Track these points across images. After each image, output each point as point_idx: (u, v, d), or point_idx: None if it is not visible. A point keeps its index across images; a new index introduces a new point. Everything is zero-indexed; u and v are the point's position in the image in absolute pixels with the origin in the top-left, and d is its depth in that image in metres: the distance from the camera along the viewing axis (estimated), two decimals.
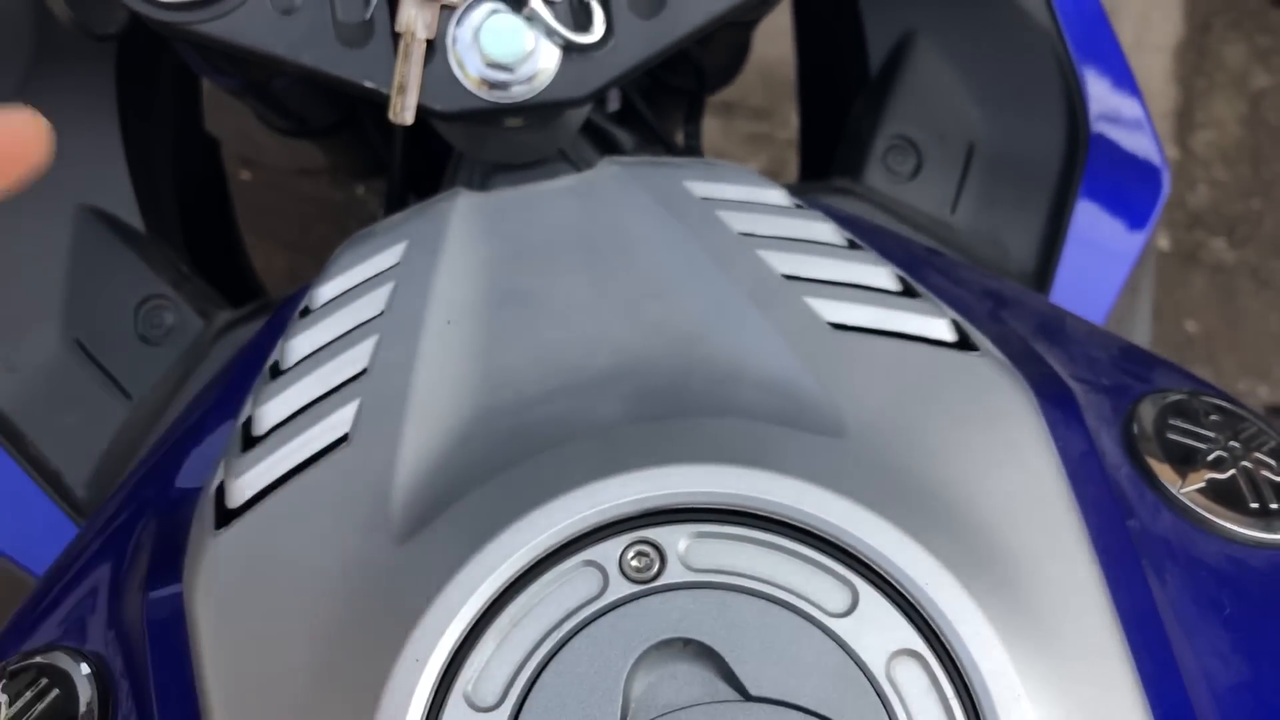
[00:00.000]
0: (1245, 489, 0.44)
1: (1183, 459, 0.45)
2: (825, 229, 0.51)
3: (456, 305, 0.46)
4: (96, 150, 0.76)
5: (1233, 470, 0.44)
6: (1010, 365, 0.44)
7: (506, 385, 0.43)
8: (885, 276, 0.48)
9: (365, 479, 0.40)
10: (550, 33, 0.59)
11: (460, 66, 0.59)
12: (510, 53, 0.58)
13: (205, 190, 1.02)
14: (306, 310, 0.50)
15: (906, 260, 0.53)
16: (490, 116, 0.61)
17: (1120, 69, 0.82)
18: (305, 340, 0.47)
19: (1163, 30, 2.12)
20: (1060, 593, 0.36)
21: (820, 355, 0.43)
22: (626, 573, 0.35)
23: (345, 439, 0.42)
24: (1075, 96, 0.79)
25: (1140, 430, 0.46)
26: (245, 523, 0.40)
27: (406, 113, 0.59)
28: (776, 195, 0.54)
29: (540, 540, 0.35)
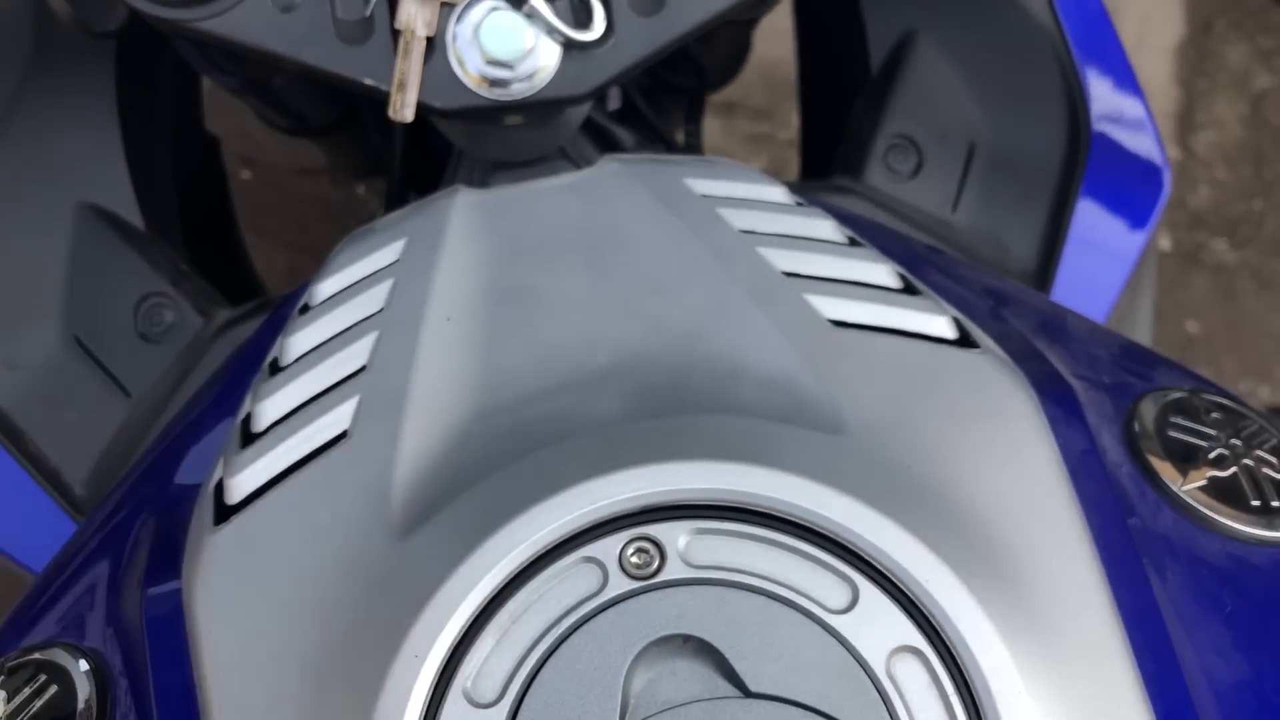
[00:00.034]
0: (1246, 486, 0.44)
1: (1184, 457, 0.44)
2: (826, 226, 0.51)
3: (456, 302, 0.46)
4: (96, 148, 0.76)
5: (1234, 468, 0.44)
6: (1011, 363, 0.44)
7: (506, 382, 0.43)
8: (886, 274, 0.48)
9: (364, 475, 0.40)
10: (550, 30, 0.59)
11: (460, 64, 0.59)
12: (510, 50, 0.58)
13: (205, 189, 1.02)
14: (306, 307, 0.50)
15: (907, 258, 0.53)
16: (490, 114, 0.61)
17: (1122, 68, 0.82)
18: (305, 337, 0.47)
19: (1164, 31, 2.12)
20: (1061, 590, 0.36)
21: (820, 352, 0.42)
22: (626, 569, 0.35)
23: (344, 435, 0.42)
24: (1076, 95, 0.79)
25: (1141, 428, 0.45)
26: (244, 519, 0.40)
27: (406, 110, 0.59)
28: (777, 193, 0.54)
29: (540, 536, 0.35)
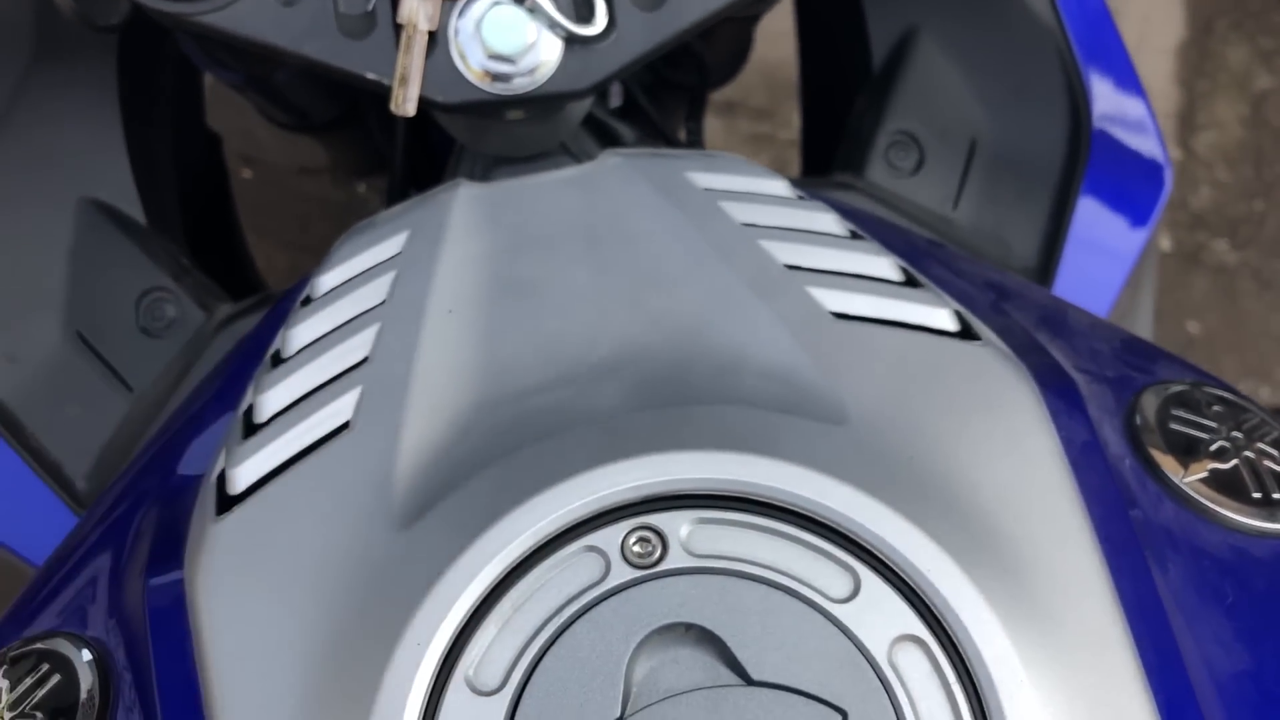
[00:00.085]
0: (1248, 479, 0.44)
1: (1185, 449, 0.44)
2: (827, 220, 0.51)
3: (458, 294, 0.46)
4: (98, 143, 0.76)
5: (1235, 460, 0.44)
6: (1013, 355, 0.44)
7: (508, 374, 0.43)
8: (887, 267, 0.48)
9: (366, 466, 0.40)
10: (552, 25, 0.59)
11: (462, 58, 0.59)
12: (512, 45, 0.58)
13: (206, 184, 1.02)
14: (308, 299, 0.50)
15: (908, 252, 0.53)
16: (492, 108, 0.61)
17: (1124, 67, 0.82)
18: (307, 329, 0.47)
19: (1165, 31, 2.12)
20: (1063, 581, 0.36)
21: (822, 344, 0.43)
22: (628, 558, 0.35)
23: (346, 426, 0.42)
24: (1078, 93, 0.79)
25: (1143, 421, 0.45)
26: (246, 509, 0.40)
27: (408, 104, 0.59)
28: (779, 186, 0.54)
29: (542, 526, 0.35)
